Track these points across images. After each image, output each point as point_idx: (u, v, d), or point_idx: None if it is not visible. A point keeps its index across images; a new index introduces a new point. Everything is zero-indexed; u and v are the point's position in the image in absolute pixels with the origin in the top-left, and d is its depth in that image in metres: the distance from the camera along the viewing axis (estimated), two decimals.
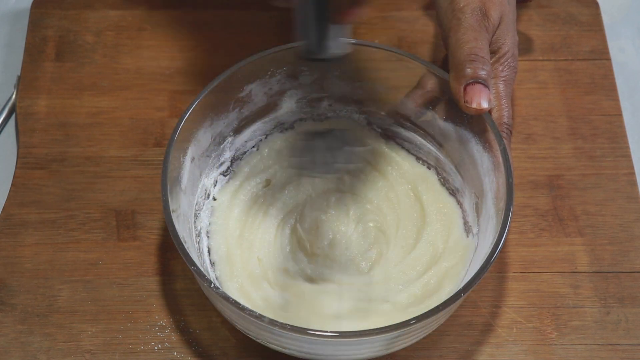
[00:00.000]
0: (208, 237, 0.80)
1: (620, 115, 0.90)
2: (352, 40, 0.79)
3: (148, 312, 0.79)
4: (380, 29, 0.95)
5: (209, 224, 0.81)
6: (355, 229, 0.81)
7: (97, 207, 0.84)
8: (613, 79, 0.92)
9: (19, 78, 0.92)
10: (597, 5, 0.97)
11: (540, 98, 0.91)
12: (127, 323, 0.79)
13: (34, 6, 0.96)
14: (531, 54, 0.94)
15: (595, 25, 0.96)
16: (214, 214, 0.81)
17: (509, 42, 0.78)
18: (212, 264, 0.79)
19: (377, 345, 0.71)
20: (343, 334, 0.67)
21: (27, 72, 0.92)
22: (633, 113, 0.93)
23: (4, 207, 0.84)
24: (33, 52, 0.93)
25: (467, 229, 0.80)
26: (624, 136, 0.89)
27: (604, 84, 0.92)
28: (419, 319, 0.68)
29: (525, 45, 0.94)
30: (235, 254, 0.79)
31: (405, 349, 0.77)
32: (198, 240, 0.79)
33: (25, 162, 0.87)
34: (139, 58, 0.93)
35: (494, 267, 0.81)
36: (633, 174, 0.86)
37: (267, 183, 0.83)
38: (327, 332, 0.68)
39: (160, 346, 0.78)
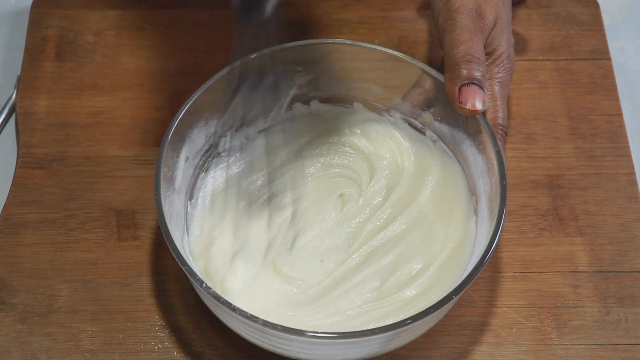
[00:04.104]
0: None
1: (621, 115, 0.90)
2: (348, 41, 0.80)
3: (148, 312, 0.79)
4: (380, 29, 0.95)
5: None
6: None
7: (97, 207, 0.84)
8: (613, 78, 0.92)
9: (19, 78, 0.92)
10: (597, 5, 0.97)
11: (541, 98, 0.91)
12: (127, 323, 0.79)
13: (34, 6, 0.96)
14: (531, 54, 0.94)
15: (595, 25, 0.96)
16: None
17: (504, 43, 0.78)
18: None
19: (375, 344, 0.71)
20: (339, 335, 0.68)
21: (27, 72, 0.92)
22: (633, 113, 0.93)
23: (4, 207, 0.84)
24: (33, 52, 0.93)
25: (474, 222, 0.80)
26: (624, 136, 0.89)
27: (604, 83, 0.92)
28: (414, 319, 0.68)
29: (525, 45, 0.94)
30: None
31: (405, 348, 0.77)
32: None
33: (26, 162, 0.87)
34: (139, 58, 0.93)
35: (494, 267, 0.81)
36: (633, 173, 0.86)
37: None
38: (317, 332, 0.68)
39: (160, 346, 0.78)
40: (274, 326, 0.67)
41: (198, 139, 0.80)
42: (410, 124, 0.84)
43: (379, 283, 0.77)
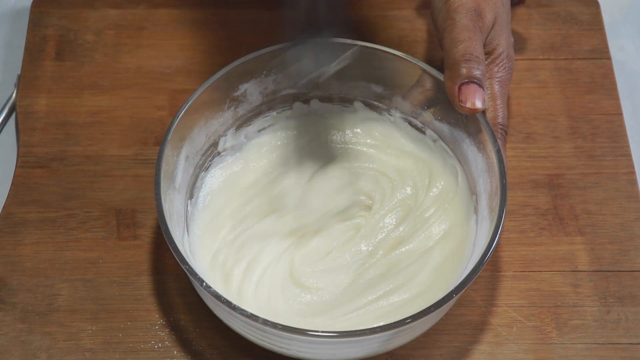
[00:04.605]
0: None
1: (621, 114, 0.90)
2: (348, 40, 0.80)
3: (148, 311, 0.79)
4: (380, 28, 0.95)
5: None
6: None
7: (97, 206, 0.84)
8: (613, 78, 0.92)
9: (19, 77, 0.92)
10: (597, 5, 0.97)
11: (541, 97, 0.91)
12: (127, 322, 0.79)
13: (34, 5, 0.96)
14: (531, 53, 0.94)
15: (595, 24, 0.96)
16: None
17: (503, 42, 0.78)
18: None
19: (375, 343, 0.71)
20: (340, 334, 0.68)
21: (27, 71, 0.92)
22: (633, 112, 0.93)
23: (4, 206, 0.84)
24: (33, 51, 0.93)
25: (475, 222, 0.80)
26: (624, 135, 0.89)
27: (604, 83, 0.92)
28: (414, 318, 0.68)
29: (525, 45, 0.94)
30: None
31: (405, 347, 0.77)
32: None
33: (26, 161, 0.87)
34: (139, 57, 0.93)
35: (494, 266, 0.81)
36: (633, 173, 0.87)
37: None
38: (318, 332, 0.68)
39: (160, 345, 0.78)
40: (274, 325, 0.67)
41: (198, 138, 0.80)
42: (411, 123, 0.84)
43: (379, 282, 0.77)
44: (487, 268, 0.81)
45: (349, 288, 0.77)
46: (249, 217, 0.81)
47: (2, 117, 0.91)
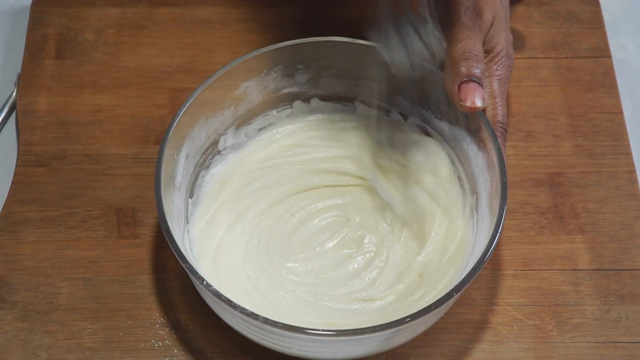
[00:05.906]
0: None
1: (621, 112, 0.90)
2: (348, 39, 0.80)
3: (148, 310, 0.79)
4: None
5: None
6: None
7: (97, 205, 0.84)
8: (614, 76, 0.92)
9: (19, 76, 0.92)
10: (597, 3, 0.97)
11: (541, 96, 0.91)
12: (127, 321, 0.79)
13: (35, 4, 0.96)
14: (532, 52, 0.94)
15: (596, 22, 0.96)
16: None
17: (502, 41, 0.78)
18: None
19: (375, 342, 0.71)
20: (340, 333, 0.68)
21: (28, 69, 0.92)
22: (633, 111, 0.93)
23: (4, 205, 0.84)
24: (33, 50, 0.93)
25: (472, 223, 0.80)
26: (624, 134, 0.89)
27: (605, 81, 0.92)
28: (414, 317, 0.68)
29: (525, 43, 0.94)
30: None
31: (405, 346, 0.77)
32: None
33: (26, 160, 0.87)
34: (140, 56, 0.93)
35: (495, 265, 0.81)
36: (633, 171, 0.86)
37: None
38: (318, 330, 0.68)
39: (160, 344, 0.78)
40: (274, 324, 0.67)
41: (198, 136, 0.80)
42: (411, 122, 0.84)
43: (378, 281, 0.77)
44: (488, 267, 0.81)
45: (350, 284, 0.77)
46: (247, 213, 0.81)
47: (2, 116, 0.91)
